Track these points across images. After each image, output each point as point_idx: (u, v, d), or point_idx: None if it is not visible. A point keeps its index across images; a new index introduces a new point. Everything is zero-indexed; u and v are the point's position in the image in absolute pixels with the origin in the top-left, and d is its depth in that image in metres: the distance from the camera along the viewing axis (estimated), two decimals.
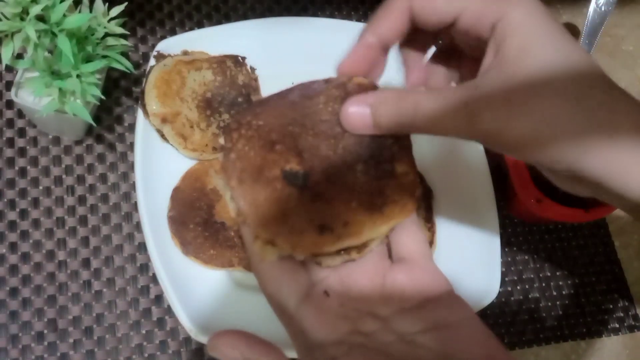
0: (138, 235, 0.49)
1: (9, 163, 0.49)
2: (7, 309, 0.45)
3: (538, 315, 0.54)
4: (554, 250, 0.57)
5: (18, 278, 0.46)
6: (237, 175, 0.27)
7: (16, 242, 0.47)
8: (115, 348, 0.46)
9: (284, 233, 0.26)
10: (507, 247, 0.56)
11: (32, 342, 0.45)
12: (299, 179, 0.27)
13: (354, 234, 0.26)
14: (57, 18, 0.39)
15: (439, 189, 0.53)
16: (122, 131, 0.52)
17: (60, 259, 0.47)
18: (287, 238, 0.26)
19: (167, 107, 0.47)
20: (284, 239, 0.26)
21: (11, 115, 0.51)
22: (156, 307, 0.48)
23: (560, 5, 0.67)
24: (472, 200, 0.52)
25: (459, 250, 0.51)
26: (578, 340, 0.54)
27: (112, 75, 0.52)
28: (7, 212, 0.48)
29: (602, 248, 0.58)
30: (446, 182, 0.53)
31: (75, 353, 0.45)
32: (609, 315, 0.55)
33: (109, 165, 0.51)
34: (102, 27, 0.43)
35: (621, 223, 0.59)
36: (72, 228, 0.48)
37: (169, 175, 0.48)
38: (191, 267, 0.46)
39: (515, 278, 0.55)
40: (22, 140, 0.50)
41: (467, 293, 0.49)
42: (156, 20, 0.56)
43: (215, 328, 0.44)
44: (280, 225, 0.26)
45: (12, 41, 0.39)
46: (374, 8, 0.30)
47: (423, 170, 0.54)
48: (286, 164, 0.27)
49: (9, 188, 0.48)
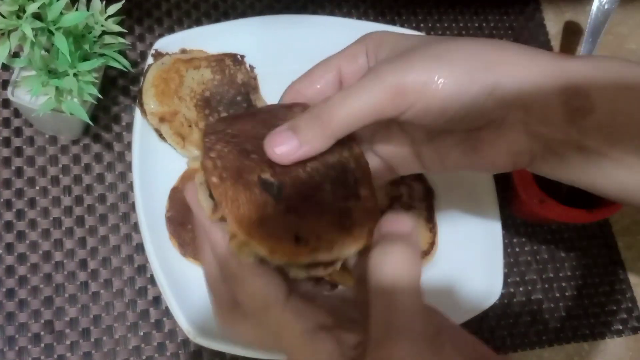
0: (136, 236, 0.49)
1: (5, 163, 0.49)
2: (4, 310, 0.45)
3: (541, 317, 0.54)
4: (557, 251, 0.56)
5: (14, 279, 0.46)
6: (219, 173, 0.27)
7: (12, 242, 0.47)
8: (112, 350, 0.45)
9: (262, 236, 0.26)
10: (509, 248, 0.55)
11: (29, 344, 0.45)
12: (274, 189, 0.27)
13: (325, 249, 0.26)
14: (53, 16, 0.39)
15: (441, 189, 0.53)
16: (119, 130, 0.51)
17: (57, 259, 0.47)
18: (265, 242, 0.26)
19: (165, 106, 0.47)
20: (262, 242, 0.26)
21: (7, 114, 0.50)
22: (154, 308, 0.47)
23: (564, 4, 0.66)
24: (474, 200, 0.52)
25: (460, 251, 0.51)
26: (581, 342, 0.54)
27: (110, 74, 0.52)
28: (3, 213, 0.47)
29: (605, 249, 0.57)
30: (448, 182, 0.53)
31: (73, 355, 0.45)
32: (613, 316, 0.55)
33: (106, 165, 0.50)
34: (100, 25, 0.43)
35: (625, 223, 0.58)
36: (69, 229, 0.48)
37: (167, 175, 0.48)
38: (189, 269, 0.46)
39: (518, 279, 0.54)
40: (18, 139, 0.50)
41: (469, 295, 0.49)
42: (154, 19, 0.56)
43: (214, 330, 0.43)
44: (259, 228, 0.26)
45: (8, 39, 0.39)
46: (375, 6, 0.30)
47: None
48: (262, 173, 0.27)
49: (5, 188, 0.48)
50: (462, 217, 0.52)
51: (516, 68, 0.27)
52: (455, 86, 0.27)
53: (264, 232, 0.26)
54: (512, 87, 0.27)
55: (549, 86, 0.27)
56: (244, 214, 0.26)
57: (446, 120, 0.29)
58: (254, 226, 0.26)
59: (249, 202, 0.26)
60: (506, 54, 0.28)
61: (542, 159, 0.29)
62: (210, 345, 0.43)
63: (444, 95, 0.27)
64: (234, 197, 0.26)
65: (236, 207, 0.26)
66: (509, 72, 0.27)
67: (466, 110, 0.28)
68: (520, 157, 0.29)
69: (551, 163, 0.29)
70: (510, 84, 0.27)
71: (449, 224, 0.52)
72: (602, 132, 0.27)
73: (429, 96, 0.27)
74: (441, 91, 0.27)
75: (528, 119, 0.28)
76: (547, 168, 0.30)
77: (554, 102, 0.27)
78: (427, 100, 0.27)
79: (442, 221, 0.52)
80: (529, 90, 0.27)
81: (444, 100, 0.27)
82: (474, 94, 0.27)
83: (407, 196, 0.51)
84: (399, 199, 0.51)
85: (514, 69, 0.27)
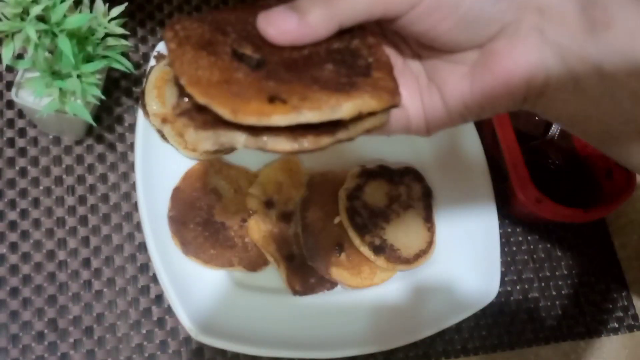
0: (138, 235, 0.49)
1: (9, 163, 0.49)
2: (8, 308, 0.45)
3: (537, 315, 0.54)
4: (554, 250, 0.57)
5: (18, 278, 0.46)
6: (179, 40, 0.23)
7: (16, 242, 0.47)
8: (115, 348, 0.46)
9: (224, 96, 0.21)
10: (506, 247, 0.56)
11: (33, 342, 0.45)
12: (252, 61, 0.23)
13: (313, 109, 0.21)
14: (57, 18, 0.39)
15: (439, 189, 0.53)
16: (122, 131, 0.52)
17: (60, 258, 0.47)
18: (227, 101, 0.21)
19: (167, 107, 0.47)
20: (223, 101, 0.21)
21: (12, 115, 0.51)
22: (156, 306, 0.48)
23: None
24: (472, 200, 0.52)
25: (458, 250, 0.51)
26: (577, 340, 0.54)
27: (113, 76, 0.52)
28: (8, 212, 0.48)
29: (601, 248, 0.58)
30: (446, 182, 0.54)
31: (76, 353, 0.45)
32: (609, 314, 0.56)
33: (109, 166, 0.51)
34: (103, 28, 0.43)
35: (620, 223, 0.59)
36: (73, 228, 0.48)
37: (169, 175, 0.48)
38: (191, 267, 0.46)
39: (515, 278, 0.55)
40: (22, 140, 0.50)
41: (466, 293, 0.49)
42: (156, 21, 0.56)
43: (216, 328, 0.44)
44: (221, 87, 0.21)
45: (12, 41, 0.39)
46: None
47: (422, 170, 0.54)
48: (238, 47, 0.23)
49: (10, 188, 0.49)
50: (459, 217, 0.52)
51: None
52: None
53: (228, 92, 0.21)
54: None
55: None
56: (202, 75, 0.21)
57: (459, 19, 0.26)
58: (214, 86, 0.21)
59: (211, 65, 0.22)
60: None
61: (557, 82, 0.26)
62: (212, 343, 0.43)
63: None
64: (192, 60, 0.22)
65: (193, 68, 0.22)
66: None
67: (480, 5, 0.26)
68: (536, 73, 0.26)
69: (566, 89, 0.26)
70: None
71: (447, 223, 0.52)
72: (621, 54, 0.24)
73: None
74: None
75: (544, 24, 0.26)
76: (561, 98, 0.27)
77: (571, 8, 0.25)
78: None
79: (440, 220, 0.52)
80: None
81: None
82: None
83: (405, 196, 0.52)
84: (397, 198, 0.51)
85: None
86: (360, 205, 0.50)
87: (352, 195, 0.50)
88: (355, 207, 0.50)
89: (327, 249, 0.49)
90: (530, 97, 0.27)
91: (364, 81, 0.23)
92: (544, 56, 0.26)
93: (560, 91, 0.26)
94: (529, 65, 0.26)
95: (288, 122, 0.21)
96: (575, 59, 0.25)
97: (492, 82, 0.27)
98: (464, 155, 0.54)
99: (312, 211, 0.50)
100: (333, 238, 0.49)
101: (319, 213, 0.50)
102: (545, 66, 0.26)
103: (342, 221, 0.49)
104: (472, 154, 0.53)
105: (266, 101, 0.21)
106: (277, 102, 0.21)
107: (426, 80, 0.29)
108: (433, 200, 0.53)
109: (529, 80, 0.26)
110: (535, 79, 0.26)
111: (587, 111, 0.26)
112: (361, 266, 0.49)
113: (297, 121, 0.21)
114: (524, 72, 0.26)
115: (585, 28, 0.25)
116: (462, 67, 0.28)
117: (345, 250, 0.49)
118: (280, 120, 0.21)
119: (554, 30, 0.25)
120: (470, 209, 0.52)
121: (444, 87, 0.29)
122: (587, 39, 0.25)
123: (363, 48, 0.26)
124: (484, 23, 0.26)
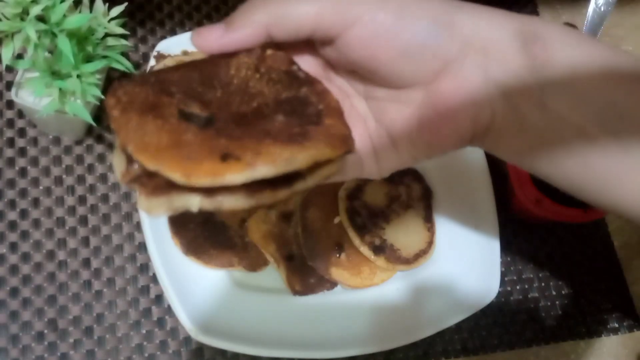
0: (138, 235, 0.49)
1: (9, 163, 0.49)
2: (8, 308, 0.45)
3: (537, 315, 0.54)
4: (554, 250, 0.57)
5: (18, 278, 0.46)
6: (122, 107, 0.22)
7: (16, 242, 0.47)
8: (115, 348, 0.46)
9: (175, 159, 0.20)
10: (506, 247, 0.56)
11: (33, 342, 0.45)
12: (200, 120, 0.22)
13: (267, 163, 0.21)
14: (57, 18, 0.39)
15: (439, 189, 0.53)
16: None
17: (60, 258, 0.47)
18: (178, 164, 0.20)
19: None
20: (174, 165, 0.20)
21: (11, 115, 0.51)
22: (156, 307, 0.48)
23: (560, 6, 0.67)
24: (472, 200, 0.52)
25: (458, 250, 0.51)
26: (577, 340, 0.54)
27: (113, 76, 0.52)
28: (8, 212, 0.48)
29: (601, 248, 0.58)
30: (446, 182, 0.53)
31: (76, 353, 0.45)
32: (609, 314, 0.56)
33: (109, 166, 0.51)
34: (102, 28, 0.43)
35: (620, 223, 0.59)
36: (72, 228, 0.48)
37: None
38: (191, 267, 0.46)
39: (515, 278, 0.55)
40: (22, 140, 0.50)
41: (466, 293, 0.49)
42: (156, 21, 0.56)
43: (215, 328, 0.44)
44: (171, 151, 0.21)
45: (12, 41, 0.39)
46: None
47: (422, 170, 0.54)
48: (185, 107, 0.23)
49: (9, 188, 0.49)
50: (459, 217, 0.52)
51: (476, 11, 0.26)
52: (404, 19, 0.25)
53: (179, 155, 0.20)
54: (471, 24, 0.26)
55: (508, 23, 0.26)
56: (150, 140, 0.21)
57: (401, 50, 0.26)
58: (163, 150, 0.21)
59: (159, 129, 0.21)
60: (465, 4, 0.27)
61: (502, 119, 0.26)
62: (212, 343, 0.43)
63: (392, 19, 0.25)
64: (137, 127, 0.21)
65: (140, 135, 0.21)
66: (469, 12, 0.26)
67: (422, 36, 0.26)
68: (481, 112, 0.27)
69: (512, 126, 0.26)
70: (469, 22, 0.26)
71: (447, 223, 0.52)
72: (561, 89, 0.25)
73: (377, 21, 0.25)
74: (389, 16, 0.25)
75: (487, 63, 0.26)
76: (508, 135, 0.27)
77: (512, 44, 0.25)
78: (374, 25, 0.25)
79: (440, 221, 0.52)
80: (487, 27, 0.26)
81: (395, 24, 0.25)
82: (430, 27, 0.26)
83: (405, 196, 0.52)
84: (397, 198, 0.52)
85: (474, 11, 0.26)
86: (360, 206, 0.50)
87: (352, 195, 0.50)
88: (355, 207, 0.50)
89: (327, 249, 0.49)
90: (477, 135, 0.27)
91: (316, 130, 0.23)
92: (489, 95, 0.26)
93: (506, 128, 0.27)
94: (475, 105, 0.26)
95: (243, 179, 0.20)
96: (519, 96, 0.26)
97: (438, 122, 0.27)
98: (464, 155, 0.54)
99: (312, 211, 0.50)
100: (333, 238, 0.49)
101: (319, 213, 0.50)
102: (490, 105, 0.26)
103: (342, 221, 0.49)
104: (472, 154, 0.53)
105: (219, 160, 0.20)
106: (231, 160, 0.20)
107: (374, 122, 0.29)
108: (433, 201, 0.53)
109: (475, 120, 0.27)
110: (481, 118, 0.27)
111: (534, 147, 0.26)
112: (361, 266, 0.49)
113: (252, 177, 0.21)
114: (470, 111, 0.27)
115: (527, 65, 0.25)
116: (409, 107, 0.28)
117: (345, 250, 0.49)
118: (235, 178, 0.20)
119: (496, 69, 0.26)
120: (470, 209, 0.52)
121: (392, 128, 0.29)
122: (528, 76, 0.25)
123: (312, 95, 0.26)
124: (427, 56, 0.26)
